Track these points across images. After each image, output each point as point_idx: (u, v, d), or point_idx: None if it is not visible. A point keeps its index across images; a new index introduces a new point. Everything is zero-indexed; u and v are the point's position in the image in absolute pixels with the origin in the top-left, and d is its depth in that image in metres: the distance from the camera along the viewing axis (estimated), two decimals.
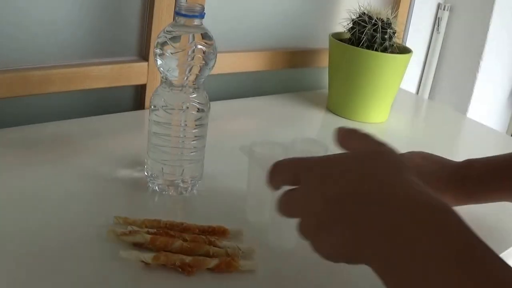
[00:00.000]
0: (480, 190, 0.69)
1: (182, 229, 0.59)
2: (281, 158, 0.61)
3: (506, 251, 0.68)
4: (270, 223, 0.62)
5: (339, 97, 1.07)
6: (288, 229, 0.61)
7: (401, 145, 1.02)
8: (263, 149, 0.62)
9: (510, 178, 0.67)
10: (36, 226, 0.58)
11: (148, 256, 0.53)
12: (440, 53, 1.49)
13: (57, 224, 0.59)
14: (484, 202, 0.70)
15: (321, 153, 0.66)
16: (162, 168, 0.67)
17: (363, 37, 1.00)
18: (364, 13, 1.03)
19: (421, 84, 1.54)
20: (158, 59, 0.64)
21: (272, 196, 0.63)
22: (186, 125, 0.66)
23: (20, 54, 0.80)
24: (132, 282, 0.53)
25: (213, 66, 0.65)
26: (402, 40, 1.36)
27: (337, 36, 1.07)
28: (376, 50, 1.01)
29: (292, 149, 0.65)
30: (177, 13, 0.63)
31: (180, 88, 0.65)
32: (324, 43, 1.14)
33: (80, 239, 0.57)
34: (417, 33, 1.43)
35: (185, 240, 0.57)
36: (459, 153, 0.76)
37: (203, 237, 0.58)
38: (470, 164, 0.70)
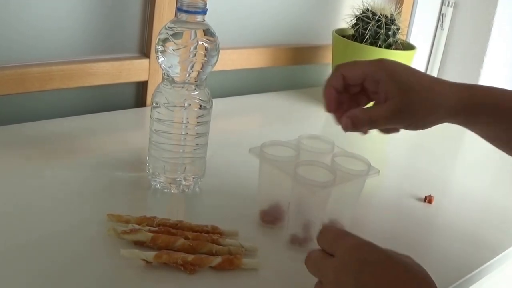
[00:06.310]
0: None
1: (176, 228, 0.58)
2: (291, 159, 0.61)
3: (506, 251, 0.67)
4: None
5: None
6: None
7: (405, 142, 1.02)
8: (273, 150, 0.61)
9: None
10: (36, 224, 0.58)
11: (149, 255, 0.53)
12: (444, 50, 1.48)
13: (58, 222, 0.59)
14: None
15: (328, 149, 0.66)
16: (164, 166, 0.66)
17: (367, 34, 1.00)
18: (368, 9, 1.02)
19: None
20: (159, 56, 0.63)
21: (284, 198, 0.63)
22: (188, 122, 0.66)
23: (19, 50, 0.79)
24: (133, 280, 0.52)
25: (216, 62, 0.64)
26: (406, 37, 1.35)
27: (341, 33, 1.06)
28: (380, 46, 1.00)
29: (302, 148, 0.64)
30: (179, 9, 0.63)
31: (182, 85, 0.64)
32: (327, 39, 1.13)
33: (81, 237, 0.57)
34: (421, 30, 1.42)
35: (187, 238, 0.56)
36: (463, 150, 0.75)
37: (206, 235, 0.58)
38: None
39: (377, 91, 0.58)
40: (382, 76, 0.57)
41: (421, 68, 1.51)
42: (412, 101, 0.57)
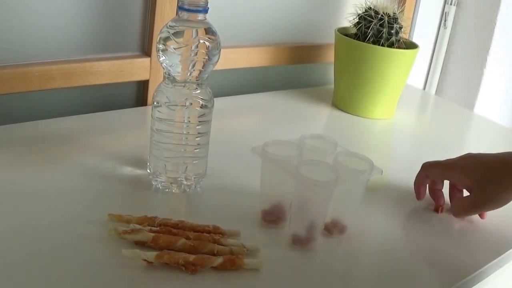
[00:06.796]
0: None
1: (178, 228, 0.58)
2: (294, 158, 0.61)
3: (507, 252, 0.67)
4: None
5: (345, 93, 1.06)
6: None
7: (408, 141, 1.01)
8: (275, 149, 0.61)
9: None
10: (37, 224, 0.57)
11: (150, 255, 0.52)
12: (447, 48, 1.48)
13: (59, 222, 0.58)
14: None
15: (331, 149, 0.66)
16: (165, 165, 0.66)
17: (369, 32, 0.99)
18: (370, 8, 1.01)
19: (428, 80, 1.52)
20: (160, 55, 0.63)
21: (286, 198, 0.63)
22: (189, 121, 0.65)
23: (20, 49, 0.79)
24: (135, 281, 0.52)
25: (217, 61, 0.64)
26: (409, 35, 1.34)
27: (343, 31, 1.06)
28: (383, 45, 0.99)
29: (305, 148, 0.64)
30: (180, 8, 0.62)
31: (183, 84, 0.64)
32: (330, 38, 1.13)
33: (81, 237, 0.56)
34: (424, 28, 1.42)
35: (188, 238, 0.56)
36: (466, 149, 0.75)
37: (207, 235, 0.57)
38: None
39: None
40: (456, 179, 0.71)
41: (424, 67, 1.51)
42: (488, 191, 0.67)
